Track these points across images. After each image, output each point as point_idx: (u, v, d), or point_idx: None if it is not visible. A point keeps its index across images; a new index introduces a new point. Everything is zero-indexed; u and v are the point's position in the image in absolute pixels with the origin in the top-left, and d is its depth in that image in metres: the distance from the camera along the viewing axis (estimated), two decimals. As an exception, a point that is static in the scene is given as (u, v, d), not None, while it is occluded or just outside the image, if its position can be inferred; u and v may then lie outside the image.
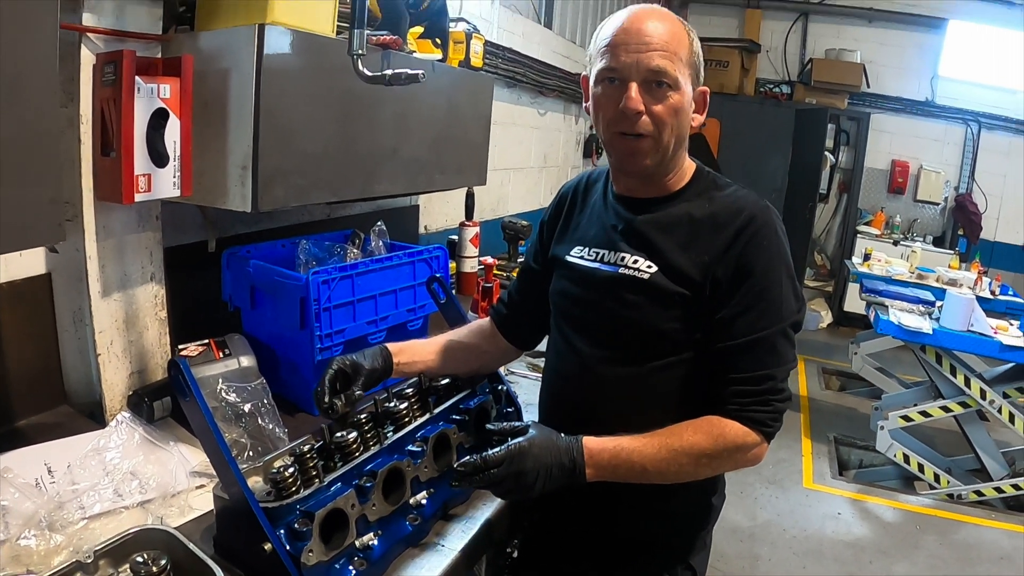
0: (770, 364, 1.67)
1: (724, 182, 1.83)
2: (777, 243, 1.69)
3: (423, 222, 4.27)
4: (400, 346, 2.00)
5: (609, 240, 1.84)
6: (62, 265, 2.07)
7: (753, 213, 1.69)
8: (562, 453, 1.61)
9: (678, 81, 1.65)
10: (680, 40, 1.67)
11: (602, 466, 1.62)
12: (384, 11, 2.54)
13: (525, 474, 1.56)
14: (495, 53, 4.82)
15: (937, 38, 9.55)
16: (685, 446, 1.62)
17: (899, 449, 5.55)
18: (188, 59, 1.97)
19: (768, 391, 1.66)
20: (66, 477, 1.77)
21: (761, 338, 1.66)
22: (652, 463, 1.62)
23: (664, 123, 1.67)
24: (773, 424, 1.67)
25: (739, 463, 1.69)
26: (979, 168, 9.76)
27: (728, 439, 1.64)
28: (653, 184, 1.80)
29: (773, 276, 1.68)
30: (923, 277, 7.23)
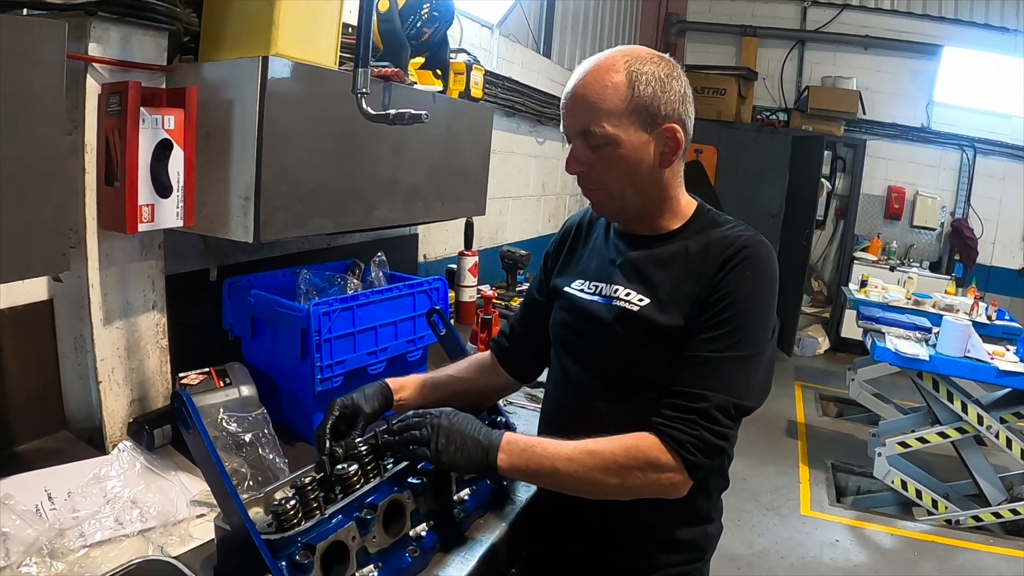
0: (713, 387, 1.61)
1: (724, 219, 1.81)
2: (761, 275, 1.68)
3: (422, 251, 4.28)
4: (400, 382, 2.02)
5: (607, 273, 1.86)
6: (64, 292, 2.07)
7: (745, 244, 1.68)
8: (482, 431, 1.68)
9: (610, 136, 1.67)
10: (610, 93, 1.66)
11: (515, 454, 1.65)
12: (385, 42, 2.56)
13: (440, 429, 1.64)
14: (495, 82, 4.85)
15: (932, 64, 9.62)
16: (598, 450, 1.62)
17: (897, 475, 5.54)
18: (192, 91, 1.99)
19: (700, 413, 1.60)
20: (67, 504, 1.77)
21: (713, 358, 1.63)
22: (563, 463, 1.62)
23: (606, 177, 1.72)
24: (694, 453, 1.59)
25: (652, 484, 1.62)
26: (975, 193, 9.79)
27: (641, 451, 1.61)
28: (645, 224, 1.83)
29: (748, 304, 1.65)
30: (920, 303, 7.25)
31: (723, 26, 10.24)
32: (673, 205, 1.81)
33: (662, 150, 1.71)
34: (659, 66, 1.68)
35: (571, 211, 7.55)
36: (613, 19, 8.58)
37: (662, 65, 1.69)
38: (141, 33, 1.99)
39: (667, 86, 1.68)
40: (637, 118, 1.67)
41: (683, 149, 1.74)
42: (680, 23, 10.33)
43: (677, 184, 1.80)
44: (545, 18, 6.52)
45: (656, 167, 1.73)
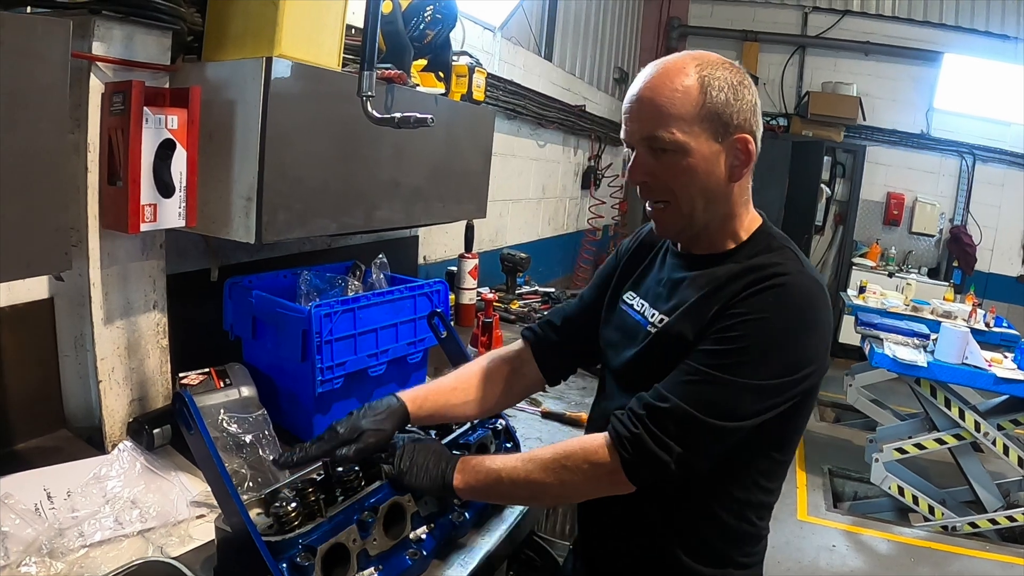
0: (683, 396, 1.49)
1: (777, 244, 1.66)
2: (786, 307, 1.51)
3: (422, 253, 4.28)
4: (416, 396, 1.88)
5: (651, 292, 1.79)
6: (65, 290, 2.07)
7: (781, 272, 1.54)
8: (442, 454, 1.70)
9: (680, 143, 1.55)
10: (679, 97, 1.55)
11: (468, 472, 1.65)
12: (389, 44, 2.56)
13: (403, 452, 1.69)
14: (496, 85, 4.85)
15: (932, 71, 9.63)
16: (538, 454, 1.62)
17: (894, 481, 5.55)
18: (196, 91, 1.99)
19: (652, 413, 1.50)
20: (66, 504, 1.77)
21: (699, 370, 1.50)
22: (507, 472, 1.62)
23: (674, 189, 1.60)
24: (628, 450, 1.50)
25: (590, 480, 1.57)
26: (974, 200, 9.80)
27: (581, 447, 1.58)
28: (700, 243, 1.71)
29: (759, 330, 1.50)
30: (918, 309, 7.25)
31: (724, 31, 10.25)
32: (735, 224, 1.68)
33: (732, 162, 1.60)
34: (731, 72, 1.58)
35: (570, 215, 7.57)
36: (615, 23, 8.60)
37: (734, 72, 1.59)
38: (145, 32, 1.98)
39: (739, 94, 1.57)
40: (708, 126, 1.56)
41: (753, 162, 1.63)
42: (681, 27, 10.35)
43: (743, 201, 1.68)
44: (547, 21, 6.53)
45: (725, 180, 1.61)
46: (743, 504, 1.68)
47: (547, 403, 2.83)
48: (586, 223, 8.07)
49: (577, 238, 7.87)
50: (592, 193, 7.96)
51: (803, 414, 1.65)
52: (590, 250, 7.98)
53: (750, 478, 1.66)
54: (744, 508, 1.68)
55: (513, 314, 4.34)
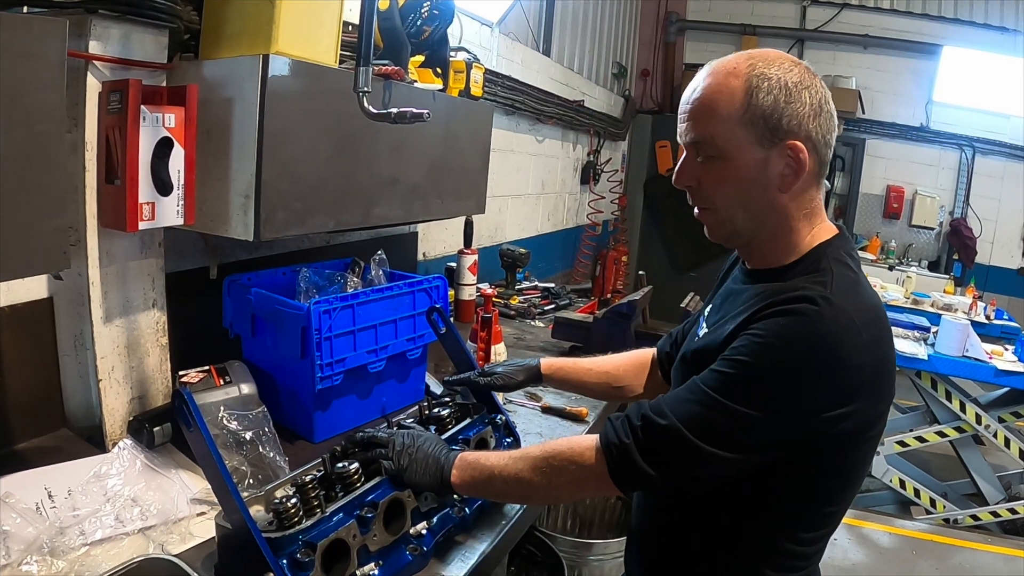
0: (681, 412, 1.42)
1: (830, 265, 1.49)
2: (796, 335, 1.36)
3: (422, 249, 4.28)
4: (553, 362, 2.14)
5: (715, 305, 1.73)
6: (64, 290, 2.08)
7: (803, 297, 1.39)
8: (440, 450, 1.71)
9: (722, 148, 1.48)
10: (724, 98, 1.47)
11: (464, 470, 1.66)
12: (386, 40, 2.56)
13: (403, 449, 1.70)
14: (494, 81, 4.84)
15: (932, 64, 9.61)
16: (529, 452, 1.61)
17: (895, 474, 5.55)
18: (193, 89, 1.99)
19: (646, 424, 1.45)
20: (67, 502, 1.77)
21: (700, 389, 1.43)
22: (499, 469, 1.62)
23: (714, 195, 1.54)
24: (614, 456, 1.46)
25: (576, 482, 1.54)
26: (973, 192, 9.79)
27: (570, 448, 1.56)
28: (753, 255, 1.63)
29: (757, 357, 1.38)
30: (918, 303, 7.26)
31: (723, 25, 10.22)
32: (793, 239, 1.55)
33: (782, 171, 1.48)
34: (788, 72, 1.46)
35: (570, 210, 7.56)
36: (613, 17, 8.58)
37: (793, 71, 1.47)
38: (142, 31, 1.98)
39: (794, 96, 1.45)
40: (753, 130, 1.46)
41: (809, 172, 1.49)
42: (680, 22, 10.31)
43: (802, 215, 1.54)
44: (545, 16, 6.52)
45: (773, 191, 1.50)
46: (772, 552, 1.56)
47: (547, 398, 2.83)
48: (586, 218, 8.06)
49: (577, 233, 7.87)
50: (591, 188, 7.95)
51: (852, 460, 1.50)
52: (590, 245, 7.98)
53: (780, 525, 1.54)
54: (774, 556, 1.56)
55: (513, 309, 4.35)
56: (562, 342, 3.72)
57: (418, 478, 1.67)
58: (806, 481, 1.49)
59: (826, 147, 1.51)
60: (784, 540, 1.55)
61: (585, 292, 5.54)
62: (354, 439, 1.77)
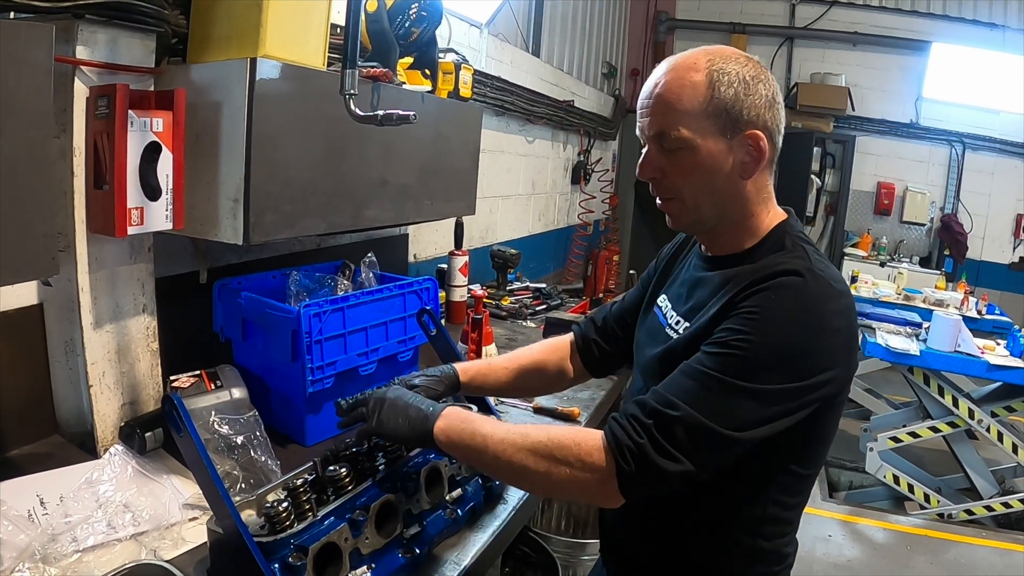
0: (691, 400, 1.40)
1: (792, 244, 1.59)
2: (792, 306, 1.43)
3: (412, 251, 4.27)
4: (468, 366, 2.05)
5: (676, 296, 1.77)
6: (54, 296, 2.07)
7: (783, 270, 1.46)
8: (426, 402, 1.64)
9: (686, 140, 1.52)
10: (686, 91, 1.53)
11: (452, 426, 1.56)
12: (374, 42, 2.56)
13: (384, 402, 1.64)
14: (484, 82, 4.84)
15: (921, 60, 9.65)
16: (532, 433, 1.49)
17: (889, 470, 5.57)
18: (181, 93, 1.98)
19: (660, 421, 1.40)
20: (59, 509, 1.76)
21: (702, 372, 1.42)
22: (494, 442, 1.50)
23: (681, 186, 1.58)
24: (628, 460, 1.39)
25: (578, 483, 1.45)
26: (964, 188, 9.84)
27: (577, 444, 1.45)
28: (717, 242, 1.67)
29: (761, 333, 1.41)
30: (910, 298, 7.28)
31: (712, 24, 10.25)
32: (753, 223, 1.63)
33: (742, 159, 1.56)
34: (745, 67, 1.54)
35: (561, 210, 7.57)
36: (602, 17, 8.59)
37: (748, 66, 1.55)
38: (129, 35, 1.98)
39: (752, 89, 1.53)
40: (716, 122, 1.52)
41: (767, 159, 1.58)
42: (669, 21, 10.35)
43: (761, 200, 1.63)
44: (534, 17, 6.52)
45: (736, 178, 1.57)
46: (759, 520, 1.60)
47: (539, 398, 2.83)
48: (576, 218, 8.06)
49: (568, 233, 7.87)
50: (582, 188, 7.95)
51: (827, 424, 1.57)
52: (581, 245, 7.98)
53: (766, 493, 1.58)
54: (760, 525, 1.61)
55: (504, 310, 4.34)
56: (554, 342, 3.70)
57: (394, 426, 1.60)
58: (791, 447, 1.54)
59: (779, 135, 1.60)
60: (770, 507, 1.60)
61: (577, 292, 5.54)
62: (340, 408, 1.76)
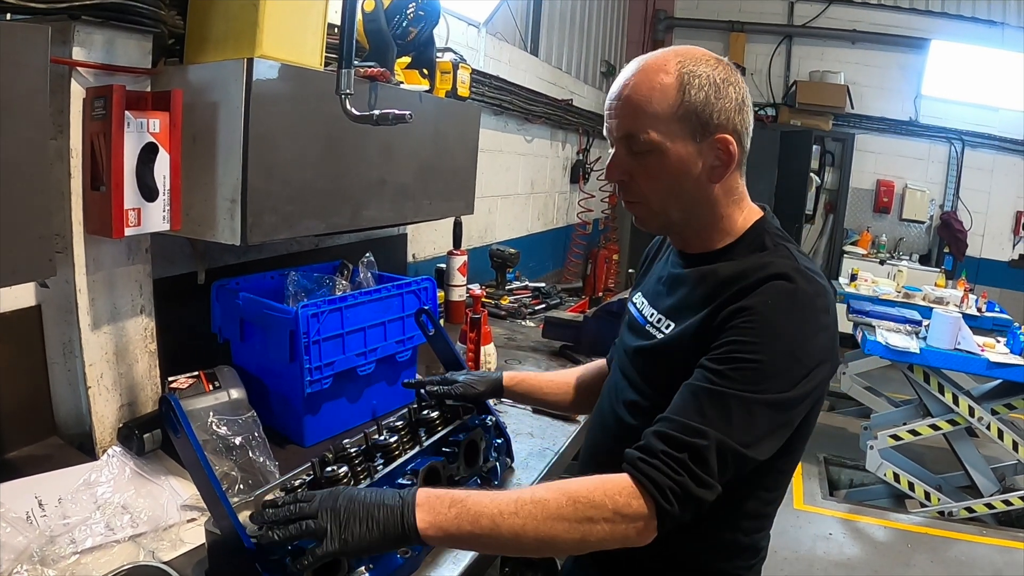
0: (713, 422, 1.36)
1: (772, 242, 1.58)
2: (786, 309, 1.42)
3: (411, 251, 4.28)
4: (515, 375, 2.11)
5: (654, 293, 1.75)
6: (52, 297, 2.07)
7: (773, 273, 1.45)
8: (386, 495, 1.35)
9: (654, 143, 1.50)
10: (657, 96, 1.50)
11: (439, 513, 1.31)
12: (371, 42, 2.56)
13: (336, 509, 1.31)
14: (482, 81, 4.84)
15: (920, 58, 9.64)
16: (550, 499, 1.34)
17: (889, 468, 5.56)
18: (178, 93, 1.98)
19: (692, 452, 1.35)
20: (57, 511, 1.77)
21: (714, 390, 1.39)
22: (506, 519, 1.31)
23: (647, 188, 1.57)
24: (671, 501, 1.33)
25: (617, 536, 1.35)
26: (963, 186, 9.83)
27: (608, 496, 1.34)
28: (689, 242, 1.67)
29: (760, 341, 1.40)
30: (910, 296, 7.27)
31: (711, 22, 10.25)
32: (725, 224, 1.62)
33: (712, 163, 1.54)
34: (715, 69, 1.51)
35: (560, 210, 7.56)
36: (601, 16, 8.59)
37: (719, 68, 1.52)
38: (125, 36, 1.98)
39: (722, 92, 1.51)
40: (686, 125, 1.50)
41: (736, 162, 1.56)
42: (668, 19, 10.34)
43: (731, 201, 1.61)
44: (532, 16, 6.51)
45: (704, 182, 1.55)
46: (739, 516, 1.60)
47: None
48: (576, 217, 8.07)
49: (567, 232, 7.88)
50: (581, 187, 7.96)
51: (813, 419, 1.57)
52: (580, 244, 7.98)
53: (749, 489, 1.56)
54: (741, 520, 1.60)
55: (503, 310, 4.35)
56: (553, 342, 3.71)
57: (363, 537, 1.30)
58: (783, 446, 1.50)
59: (747, 137, 1.58)
60: (751, 502, 1.60)
61: (576, 291, 5.55)
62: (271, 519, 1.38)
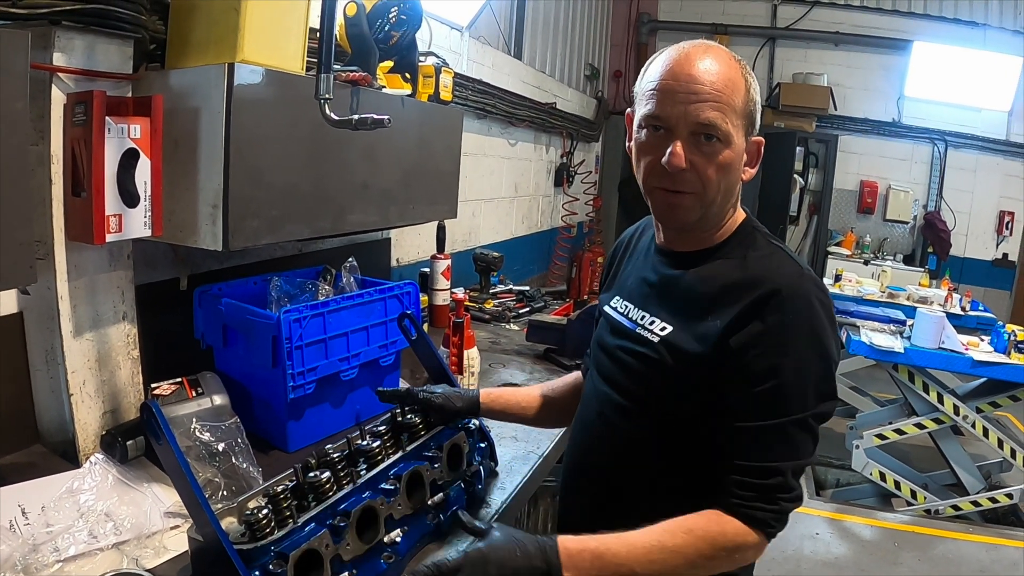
0: (781, 456, 1.49)
1: (764, 242, 1.66)
2: (805, 320, 1.51)
3: (395, 255, 4.27)
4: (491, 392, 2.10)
5: (639, 295, 1.76)
6: (34, 304, 2.05)
7: (778, 285, 1.52)
8: (532, 557, 1.41)
9: (729, 135, 1.53)
10: (735, 87, 1.54)
11: (583, 569, 1.41)
12: (353, 46, 2.56)
13: (479, 563, 1.38)
14: (465, 85, 4.85)
15: (902, 59, 9.66)
16: (679, 546, 1.45)
17: (875, 467, 5.58)
18: (158, 99, 1.98)
19: (775, 488, 1.48)
20: (40, 519, 1.76)
21: (773, 426, 1.49)
22: (641, 565, 1.42)
23: (709, 180, 1.55)
24: (776, 524, 1.50)
25: (737, 563, 1.51)
26: (947, 186, 9.86)
27: (728, 538, 1.48)
28: (693, 238, 1.69)
29: (795, 358, 1.49)
30: (894, 296, 7.31)
31: (694, 25, 10.24)
32: (727, 220, 1.68)
33: (746, 162, 1.62)
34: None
35: (544, 213, 7.56)
36: (584, 19, 8.60)
37: None
38: (106, 42, 1.97)
39: (760, 94, 1.62)
40: (746, 123, 1.57)
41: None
42: (651, 22, 10.36)
43: (737, 199, 1.68)
44: (515, 19, 6.51)
45: (740, 178, 1.63)
46: None
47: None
48: (560, 220, 8.07)
49: (551, 236, 7.88)
50: (565, 190, 7.96)
51: None
52: (564, 247, 7.99)
53: None
54: None
55: (487, 313, 4.34)
56: (537, 345, 3.71)
57: None
58: None
59: None
60: None
61: (561, 294, 5.54)
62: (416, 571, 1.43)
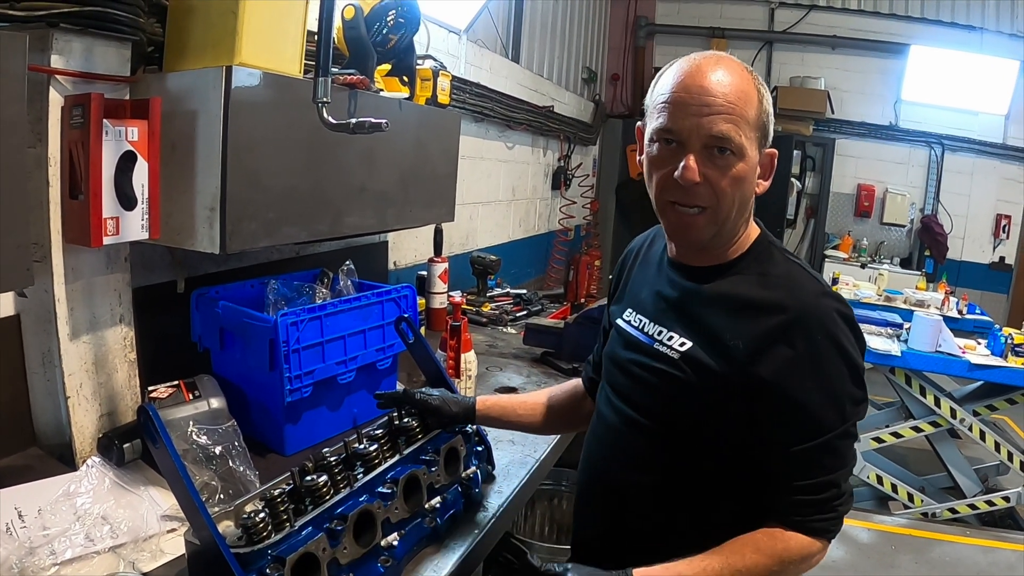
0: (831, 469, 1.54)
1: (782, 257, 1.65)
2: (832, 338, 1.52)
3: (392, 258, 4.26)
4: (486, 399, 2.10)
5: (654, 309, 1.73)
6: (31, 307, 2.05)
7: (802, 309, 1.52)
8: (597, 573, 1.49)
9: (743, 148, 1.50)
10: (748, 99, 1.51)
11: None
12: (351, 49, 2.56)
13: None
14: (462, 88, 4.84)
15: (899, 63, 9.66)
16: (750, 566, 1.50)
17: (872, 470, 5.59)
18: (156, 101, 1.98)
19: (831, 498, 1.55)
20: (37, 522, 1.75)
21: (818, 445, 1.51)
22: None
23: (724, 194, 1.53)
24: (835, 528, 1.58)
25: (803, 572, 1.59)
26: (944, 189, 9.86)
27: (793, 552, 1.53)
28: (708, 253, 1.66)
29: (829, 378, 1.52)
30: (891, 299, 7.31)
31: (692, 28, 10.23)
32: (742, 236, 1.66)
33: (759, 174, 1.60)
34: None
35: (541, 216, 7.56)
36: (582, 22, 8.59)
37: None
38: (104, 44, 1.97)
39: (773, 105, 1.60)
40: (759, 135, 1.55)
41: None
42: (649, 26, 10.35)
43: (748, 214, 1.66)
44: (513, 23, 6.49)
45: (753, 192, 1.60)
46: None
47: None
48: (557, 223, 8.05)
49: (549, 239, 7.86)
50: (563, 193, 7.95)
51: None
52: (562, 251, 7.97)
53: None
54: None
55: (485, 316, 4.35)
56: (534, 348, 3.71)
57: None
58: None
59: None
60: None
61: (558, 297, 5.55)
62: None
